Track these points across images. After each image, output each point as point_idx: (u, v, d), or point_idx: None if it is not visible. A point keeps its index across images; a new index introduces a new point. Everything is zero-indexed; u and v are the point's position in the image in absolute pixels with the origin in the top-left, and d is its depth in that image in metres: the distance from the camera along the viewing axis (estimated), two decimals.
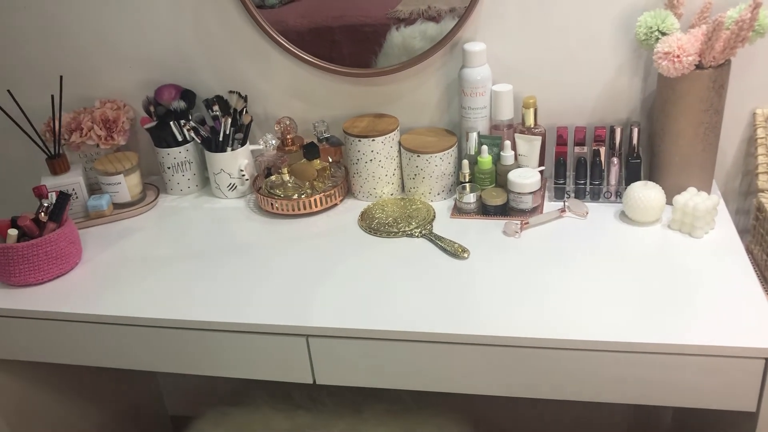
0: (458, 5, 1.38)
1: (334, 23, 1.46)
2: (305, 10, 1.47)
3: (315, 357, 1.17)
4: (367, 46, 1.47)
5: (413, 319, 1.12)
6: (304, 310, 1.16)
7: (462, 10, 1.38)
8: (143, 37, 1.55)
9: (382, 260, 1.29)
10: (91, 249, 1.39)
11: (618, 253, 1.24)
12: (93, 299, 1.25)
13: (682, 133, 1.29)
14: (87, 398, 1.65)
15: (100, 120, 1.53)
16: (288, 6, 1.46)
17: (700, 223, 1.25)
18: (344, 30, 1.46)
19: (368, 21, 1.44)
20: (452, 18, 1.40)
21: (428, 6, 1.40)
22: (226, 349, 1.20)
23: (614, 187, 1.38)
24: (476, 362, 1.11)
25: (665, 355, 1.04)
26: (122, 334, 1.23)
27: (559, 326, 1.08)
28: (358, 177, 1.47)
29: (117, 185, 1.50)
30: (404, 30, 1.43)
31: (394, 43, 1.45)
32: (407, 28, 1.43)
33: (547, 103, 1.43)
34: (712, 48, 1.20)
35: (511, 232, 1.31)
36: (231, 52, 1.54)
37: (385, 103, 1.52)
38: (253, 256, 1.33)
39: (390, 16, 1.42)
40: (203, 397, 1.87)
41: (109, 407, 1.74)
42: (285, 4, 1.46)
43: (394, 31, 1.44)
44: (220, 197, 1.56)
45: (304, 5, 1.47)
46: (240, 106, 1.50)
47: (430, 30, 1.42)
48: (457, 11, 1.38)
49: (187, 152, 1.55)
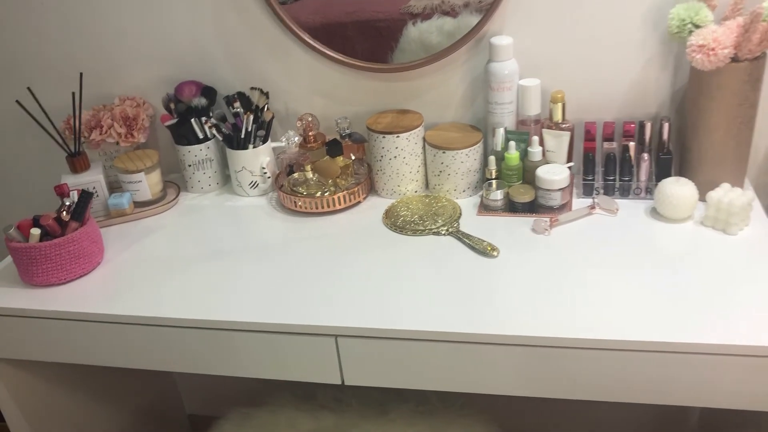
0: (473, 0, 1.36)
1: (346, 19, 1.44)
2: (318, 6, 1.45)
3: (344, 357, 1.15)
4: (381, 41, 1.45)
5: (443, 319, 1.10)
6: (333, 310, 1.14)
7: (477, 4, 1.36)
8: (163, 33, 1.53)
9: (409, 258, 1.26)
10: (112, 248, 1.38)
11: (651, 250, 1.22)
12: (116, 299, 1.23)
13: (715, 127, 1.26)
14: (105, 398, 1.64)
15: (120, 117, 1.51)
16: (300, 2, 1.44)
17: (735, 219, 1.22)
18: (357, 26, 1.44)
19: (381, 16, 1.43)
20: (469, 12, 1.37)
21: (442, 0, 1.38)
22: (251, 350, 1.18)
23: (644, 183, 1.35)
24: (507, 363, 1.09)
25: (703, 355, 1.01)
26: (146, 335, 1.21)
27: (593, 326, 1.05)
28: (382, 174, 1.45)
29: (138, 183, 1.48)
30: (421, 25, 1.41)
31: (410, 39, 1.43)
32: (424, 23, 1.41)
33: (573, 97, 1.40)
34: (749, 40, 1.17)
35: (540, 230, 1.29)
36: (251, 48, 1.52)
37: (408, 98, 1.50)
38: (278, 255, 1.31)
39: (404, 11, 1.40)
40: (221, 396, 1.86)
41: (127, 406, 1.73)
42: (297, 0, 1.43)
43: (411, 26, 1.42)
44: (241, 195, 1.54)
45: (316, 1, 1.45)
46: (262, 103, 1.48)
47: (447, 25, 1.40)
48: (472, 5, 1.36)
49: (207, 150, 1.53)
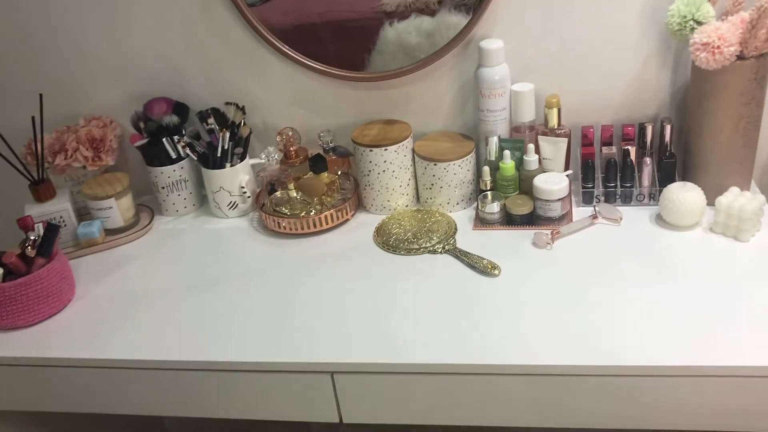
0: None
1: (318, 20, 1.38)
2: (288, 8, 1.39)
3: (341, 395, 1.06)
4: (356, 43, 1.38)
5: (446, 349, 1.02)
6: (327, 344, 1.06)
7: (452, 2, 1.29)
8: (129, 47, 1.43)
9: (405, 282, 1.18)
10: (84, 283, 1.28)
11: (660, 262, 1.15)
12: (90, 341, 1.13)
13: (721, 128, 1.20)
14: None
15: (86, 139, 1.41)
16: (269, 3, 1.37)
17: (747, 225, 1.16)
18: (330, 27, 1.38)
19: (354, 16, 1.37)
20: (447, 10, 1.31)
21: None
22: (241, 389, 1.09)
23: (647, 189, 1.29)
24: (515, 393, 1.02)
25: (726, 377, 0.95)
26: (125, 379, 1.12)
27: (605, 351, 0.98)
28: (370, 189, 1.36)
29: (108, 210, 1.38)
30: (398, 25, 1.35)
31: (388, 40, 1.36)
32: (401, 23, 1.34)
33: (568, 101, 1.33)
34: (755, 37, 1.11)
35: (542, 244, 1.22)
36: (224, 60, 1.42)
37: (394, 107, 1.42)
38: (263, 284, 1.22)
39: (377, 9, 1.34)
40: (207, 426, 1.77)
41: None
42: (266, 1, 1.36)
43: (387, 26, 1.35)
44: (220, 217, 1.44)
45: (286, 2, 1.38)
46: (238, 119, 1.38)
47: (426, 24, 1.33)
48: (449, 2, 1.29)
49: (181, 170, 1.43)
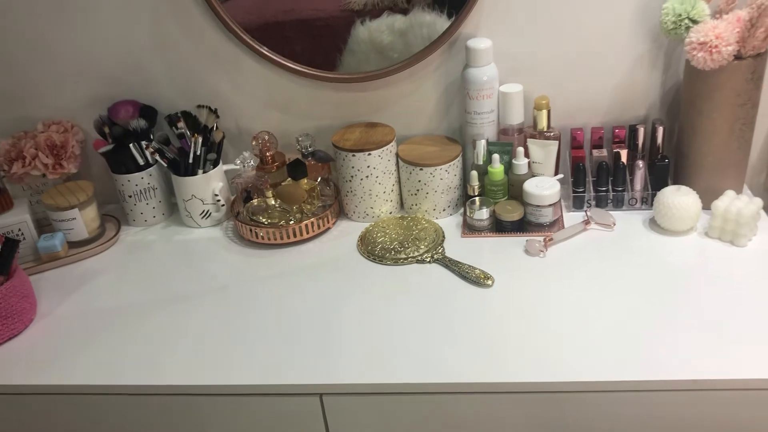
0: None
1: (284, 18, 1.32)
2: (252, 5, 1.32)
3: (330, 417, 1.00)
4: (324, 42, 1.32)
5: (440, 367, 0.96)
6: (315, 365, 0.99)
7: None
8: (91, 45, 1.33)
9: (393, 294, 1.12)
10: (46, 300, 1.19)
11: (657, 270, 1.11)
12: (54, 365, 1.04)
13: (716, 130, 1.16)
14: None
15: (46, 145, 1.32)
16: (232, 1, 1.30)
17: (744, 230, 1.13)
18: (296, 25, 1.32)
19: (321, 15, 1.31)
20: (420, 9, 1.26)
21: None
22: (220, 416, 1.02)
23: (640, 192, 1.25)
24: (513, 411, 0.97)
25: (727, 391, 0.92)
26: (94, 405, 1.03)
27: (605, 366, 0.93)
28: (353, 196, 1.30)
29: (71, 221, 1.29)
30: (370, 24, 1.29)
31: (360, 39, 1.31)
32: (373, 22, 1.29)
33: (557, 102, 1.28)
34: (754, 36, 1.07)
35: (535, 251, 1.17)
36: (194, 59, 1.34)
37: (375, 110, 1.36)
38: (241, 299, 1.14)
39: (344, 8, 1.28)
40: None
41: None
42: None
43: (359, 25, 1.30)
44: (192, 226, 1.36)
45: (248, 0, 1.31)
46: (211, 122, 1.31)
47: (398, 23, 1.28)
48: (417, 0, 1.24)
49: (150, 177, 1.35)
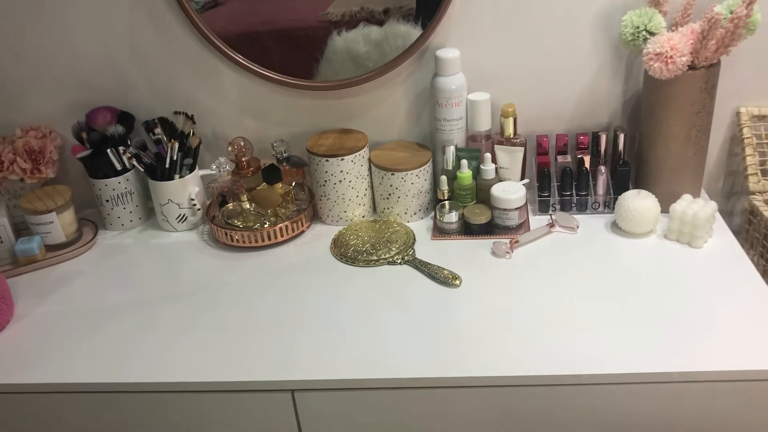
0: (392, 5, 1.29)
1: (263, 28, 1.34)
2: (231, 15, 1.34)
3: (302, 413, 1.03)
4: (302, 52, 1.36)
5: (409, 363, 1.00)
6: (286, 361, 1.02)
7: (399, 10, 1.28)
8: (69, 52, 1.36)
9: (364, 294, 1.16)
10: (23, 303, 1.20)
11: (617, 270, 1.16)
12: (32, 365, 1.06)
13: (673, 137, 1.22)
14: None
15: (24, 151, 1.34)
16: (211, 11, 1.33)
17: (700, 232, 1.18)
18: (275, 35, 1.35)
19: (299, 25, 1.34)
20: (395, 20, 1.30)
21: (360, 7, 1.30)
22: (193, 412, 1.04)
23: (602, 197, 1.30)
24: (481, 405, 1.00)
25: (689, 383, 0.96)
26: (70, 404, 1.05)
27: (566, 361, 0.97)
28: (326, 200, 1.33)
29: (49, 225, 1.31)
30: (346, 34, 1.33)
31: (336, 49, 1.34)
32: (349, 32, 1.32)
33: (523, 110, 1.33)
34: (706, 47, 1.13)
35: (501, 253, 1.21)
36: (172, 67, 1.37)
37: (348, 117, 1.40)
38: (217, 300, 1.17)
39: (322, 18, 1.32)
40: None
41: None
42: (207, 9, 1.32)
43: (336, 36, 1.33)
44: (168, 230, 1.39)
45: (229, 9, 1.34)
46: (188, 128, 1.33)
47: (374, 34, 1.32)
48: (394, 12, 1.29)
49: (127, 182, 1.37)
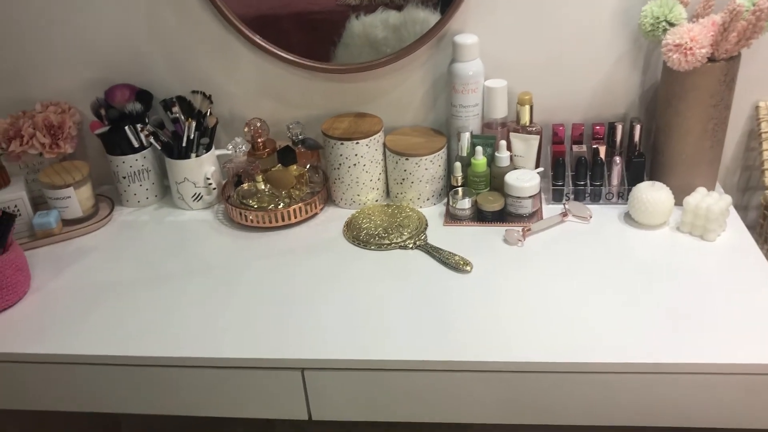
0: None
1: (281, 11, 1.35)
2: None
3: (311, 391, 1.04)
4: (320, 35, 1.35)
5: (418, 346, 1.01)
6: (298, 340, 1.03)
7: None
8: (90, 29, 1.37)
9: (376, 277, 1.16)
10: (40, 275, 1.22)
11: (629, 261, 1.16)
12: (46, 335, 1.08)
13: (690, 129, 1.21)
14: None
15: (43, 125, 1.35)
16: None
17: (713, 225, 1.17)
18: (293, 18, 1.35)
19: (318, 8, 1.34)
20: (414, 5, 1.29)
21: None
22: (206, 387, 1.06)
23: (616, 188, 1.29)
24: (487, 390, 1.01)
25: (698, 374, 0.96)
26: (83, 375, 1.07)
27: (574, 349, 0.98)
28: (340, 183, 1.34)
29: (66, 199, 1.33)
30: (365, 18, 1.33)
31: (354, 33, 1.34)
32: (367, 16, 1.32)
33: (539, 99, 1.33)
34: (726, 39, 1.12)
35: (513, 241, 1.21)
36: (191, 47, 1.38)
37: (365, 101, 1.40)
38: (230, 278, 1.18)
39: (341, 2, 1.31)
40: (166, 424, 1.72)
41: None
42: None
43: (354, 20, 1.33)
44: (183, 209, 1.40)
45: None
46: (205, 108, 1.34)
47: (392, 18, 1.31)
48: None
49: (144, 159, 1.39)
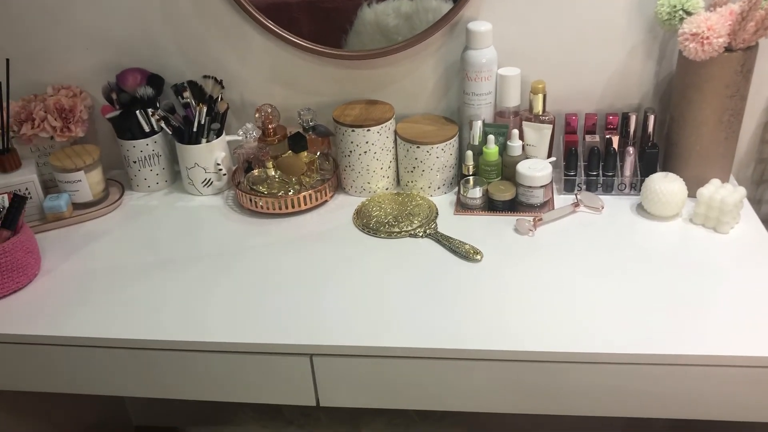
0: None
1: None
2: None
3: (319, 377, 1.04)
4: (331, 23, 1.35)
5: (427, 334, 1.00)
6: (307, 327, 1.03)
7: None
8: (102, 13, 1.36)
9: (385, 265, 1.16)
10: (50, 257, 1.23)
11: (641, 252, 1.15)
12: (56, 317, 1.08)
13: (705, 120, 1.20)
14: (44, 417, 1.49)
15: (55, 109, 1.35)
16: None
17: (727, 218, 1.16)
18: (304, 5, 1.34)
19: None
20: None
21: None
22: (214, 372, 1.06)
23: (629, 178, 1.28)
24: (495, 378, 1.01)
25: (699, 366, 0.95)
26: (92, 357, 1.07)
27: (582, 339, 0.98)
28: (351, 170, 1.33)
29: (77, 183, 1.33)
30: (377, 6, 1.32)
31: (366, 21, 1.33)
32: (380, 4, 1.32)
33: (552, 88, 1.32)
34: (744, 29, 1.11)
35: (524, 230, 1.21)
36: (202, 32, 1.37)
37: (376, 88, 1.39)
38: (239, 263, 1.18)
39: None
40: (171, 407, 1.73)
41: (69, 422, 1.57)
42: None
43: (366, 7, 1.32)
44: (193, 194, 1.40)
45: None
46: (217, 93, 1.34)
47: (405, 6, 1.31)
48: None
49: (155, 144, 1.39)
